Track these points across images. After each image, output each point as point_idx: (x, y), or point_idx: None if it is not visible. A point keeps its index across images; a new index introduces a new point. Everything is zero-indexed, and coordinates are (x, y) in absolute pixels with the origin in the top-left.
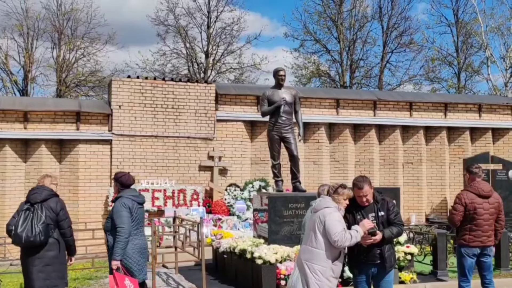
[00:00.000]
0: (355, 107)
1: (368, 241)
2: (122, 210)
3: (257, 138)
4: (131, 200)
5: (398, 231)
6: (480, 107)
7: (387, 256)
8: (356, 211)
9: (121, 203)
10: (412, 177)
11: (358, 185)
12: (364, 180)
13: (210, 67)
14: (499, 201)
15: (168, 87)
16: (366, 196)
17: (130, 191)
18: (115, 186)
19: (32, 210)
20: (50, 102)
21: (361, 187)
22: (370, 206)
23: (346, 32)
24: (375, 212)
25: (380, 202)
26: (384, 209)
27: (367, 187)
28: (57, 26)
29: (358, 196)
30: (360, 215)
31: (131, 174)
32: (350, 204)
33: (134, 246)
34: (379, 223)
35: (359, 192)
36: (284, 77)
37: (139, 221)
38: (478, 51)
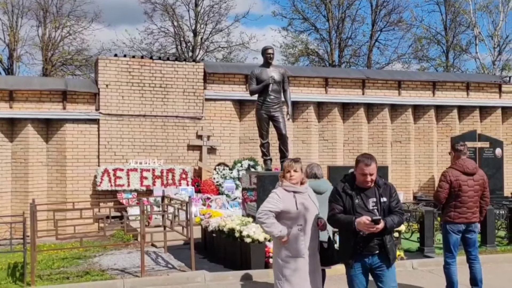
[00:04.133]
0: (344, 85)
1: (370, 229)
2: None
3: (246, 117)
4: None
5: (400, 220)
6: (468, 86)
7: (389, 247)
8: (355, 193)
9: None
10: (400, 155)
11: (365, 161)
12: (372, 157)
13: (198, 46)
14: (484, 178)
15: (156, 66)
16: (372, 175)
17: None
18: None
19: None
20: (36, 81)
21: (369, 163)
22: (371, 190)
23: (334, 11)
24: (377, 197)
25: (383, 186)
26: (387, 195)
27: (374, 164)
28: (42, 3)
29: (363, 174)
30: (360, 199)
31: (120, 153)
32: (348, 184)
33: None
34: (380, 210)
35: (365, 169)
36: (272, 56)
37: None
38: (466, 30)
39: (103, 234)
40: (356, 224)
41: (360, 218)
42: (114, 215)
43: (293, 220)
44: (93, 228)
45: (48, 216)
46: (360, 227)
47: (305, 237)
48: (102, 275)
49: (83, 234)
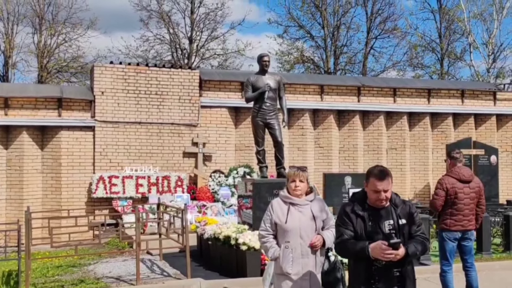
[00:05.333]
0: (339, 93)
1: (388, 256)
2: None
3: (242, 124)
4: None
5: (424, 248)
6: (462, 93)
7: (409, 283)
8: (367, 215)
9: None
10: (396, 162)
11: (378, 175)
12: (386, 170)
13: (194, 53)
14: (480, 185)
15: (152, 73)
16: (386, 191)
17: None
18: None
19: None
20: (31, 88)
21: (382, 177)
22: (386, 210)
23: (330, 18)
24: (394, 219)
25: (400, 205)
26: (406, 216)
27: (389, 179)
28: (38, 11)
29: (375, 190)
30: (373, 221)
31: (115, 161)
32: (358, 203)
33: None
34: (399, 234)
35: (378, 184)
36: (268, 63)
37: None
38: (461, 37)
39: (98, 241)
40: (370, 250)
41: (375, 243)
42: (109, 223)
43: (282, 235)
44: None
45: (43, 224)
46: (375, 254)
47: (294, 255)
48: (97, 283)
49: (78, 241)
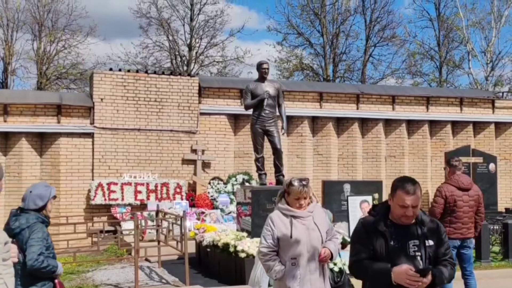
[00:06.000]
0: (338, 100)
1: (413, 284)
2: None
3: (241, 132)
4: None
5: (451, 274)
6: (461, 101)
7: None
8: (389, 233)
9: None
10: (395, 170)
11: (407, 187)
12: (416, 183)
13: (193, 60)
14: (479, 193)
15: (151, 80)
16: (415, 207)
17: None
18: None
19: None
20: (30, 95)
21: (411, 191)
22: (411, 227)
23: (329, 26)
24: (420, 239)
25: (428, 224)
26: (434, 237)
27: (419, 192)
28: (38, 17)
29: (402, 205)
30: (396, 240)
31: (114, 167)
32: (379, 218)
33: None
34: (425, 257)
35: (406, 198)
36: (267, 70)
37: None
38: (459, 46)
39: (96, 248)
40: (394, 275)
41: (399, 267)
42: (108, 230)
43: (287, 251)
44: (87, 242)
45: None
46: (398, 280)
47: (302, 272)
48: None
49: (77, 248)
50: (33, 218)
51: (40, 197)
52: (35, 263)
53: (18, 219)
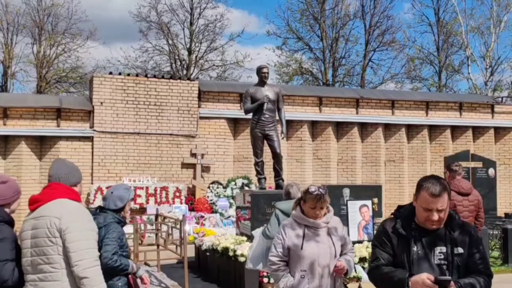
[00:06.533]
0: (338, 105)
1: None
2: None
3: (240, 136)
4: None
5: (486, 286)
6: (460, 106)
7: None
8: (413, 237)
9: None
10: (394, 174)
11: (431, 188)
12: (443, 183)
13: (192, 64)
14: (479, 198)
15: (151, 84)
16: (441, 211)
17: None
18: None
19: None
20: (30, 99)
21: (437, 192)
22: (439, 232)
23: (328, 30)
24: (447, 245)
25: (460, 229)
26: (465, 243)
27: (445, 196)
28: (38, 21)
29: (427, 208)
30: (420, 246)
31: (113, 171)
32: (402, 221)
33: None
34: (452, 266)
35: (431, 201)
36: (267, 74)
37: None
38: (459, 51)
39: None
40: (411, 285)
41: (418, 276)
42: None
43: (297, 262)
44: None
45: None
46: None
47: (311, 286)
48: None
49: None
50: (110, 218)
51: (120, 199)
52: (110, 262)
53: (97, 218)
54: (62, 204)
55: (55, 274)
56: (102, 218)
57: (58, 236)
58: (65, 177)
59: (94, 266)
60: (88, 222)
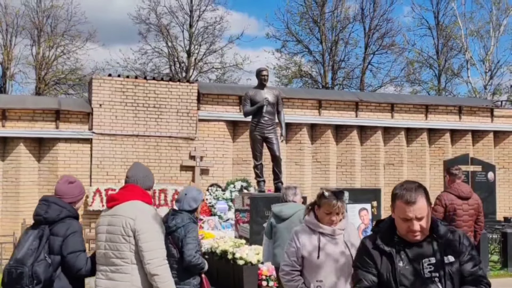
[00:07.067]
0: (337, 108)
1: None
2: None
3: (239, 138)
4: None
5: None
6: (460, 109)
7: None
8: (397, 252)
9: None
10: (393, 178)
11: (406, 196)
12: (418, 189)
13: (192, 67)
14: (479, 202)
15: (150, 86)
16: (421, 219)
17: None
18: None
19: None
20: (29, 100)
21: (412, 199)
22: (425, 243)
23: (328, 33)
24: (436, 255)
25: (447, 236)
26: (456, 251)
27: (422, 201)
28: (37, 23)
29: (404, 219)
30: (406, 260)
31: (112, 173)
32: (383, 235)
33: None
34: (445, 279)
35: (407, 210)
36: (267, 77)
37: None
38: (458, 54)
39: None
40: None
41: None
42: None
43: (313, 272)
44: None
45: None
46: None
47: None
48: None
49: None
50: (186, 218)
51: (194, 200)
52: (193, 260)
53: (175, 219)
54: (137, 206)
55: (125, 268)
56: (180, 219)
57: (132, 236)
58: (142, 180)
59: (164, 264)
60: (158, 224)
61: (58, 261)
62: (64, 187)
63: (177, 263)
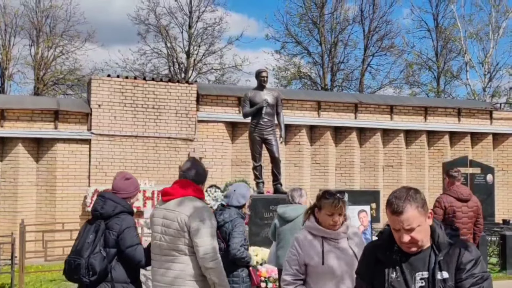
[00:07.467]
0: (337, 109)
1: None
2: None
3: (238, 139)
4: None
5: None
6: (459, 112)
7: None
8: (392, 261)
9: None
10: (392, 180)
11: (393, 205)
12: (408, 198)
13: (191, 68)
14: (478, 204)
15: (149, 87)
16: (411, 230)
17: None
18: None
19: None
20: (27, 100)
21: (399, 208)
22: (423, 254)
23: (327, 35)
24: (430, 270)
25: (446, 248)
26: (452, 266)
27: (411, 211)
28: (36, 23)
29: (395, 229)
30: (399, 272)
31: (111, 174)
32: (382, 244)
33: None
34: None
35: (396, 221)
36: (266, 78)
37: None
38: (457, 56)
39: None
40: None
41: None
42: None
43: (317, 280)
44: None
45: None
46: None
47: None
48: None
49: None
50: (234, 213)
51: (243, 196)
52: (238, 253)
53: (223, 214)
54: (191, 203)
55: (180, 258)
56: (228, 214)
57: (186, 231)
58: (196, 175)
59: (217, 258)
60: (211, 220)
61: (113, 254)
62: (121, 183)
63: (225, 256)
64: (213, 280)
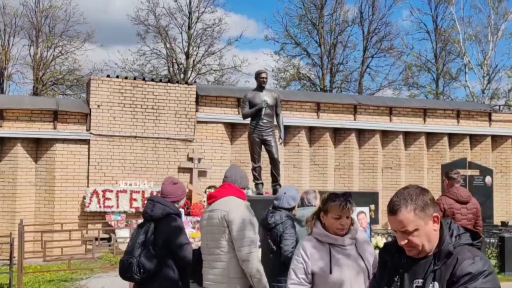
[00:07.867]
0: (336, 111)
1: None
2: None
3: (237, 140)
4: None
5: None
6: (458, 113)
7: None
8: (398, 266)
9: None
10: (391, 181)
11: (390, 206)
12: (406, 199)
13: (190, 68)
14: (477, 206)
15: (148, 88)
16: (408, 234)
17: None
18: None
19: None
20: (27, 101)
21: (393, 210)
22: (424, 261)
23: (326, 36)
24: (424, 278)
25: (445, 258)
26: (443, 280)
27: (406, 213)
28: (35, 23)
29: (393, 230)
30: (400, 278)
31: (110, 175)
32: (393, 246)
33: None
34: None
35: (391, 221)
36: (266, 80)
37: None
38: (456, 58)
39: (91, 256)
40: None
41: None
42: (103, 237)
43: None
44: (81, 250)
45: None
46: None
47: None
48: None
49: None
50: (284, 215)
51: (293, 198)
52: (289, 255)
53: (274, 216)
54: (230, 200)
55: (223, 256)
56: (278, 216)
57: (226, 226)
58: (239, 180)
59: (253, 252)
60: (250, 216)
61: (163, 253)
62: (169, 188)
63: (276, 258)
64: (249, 273)
